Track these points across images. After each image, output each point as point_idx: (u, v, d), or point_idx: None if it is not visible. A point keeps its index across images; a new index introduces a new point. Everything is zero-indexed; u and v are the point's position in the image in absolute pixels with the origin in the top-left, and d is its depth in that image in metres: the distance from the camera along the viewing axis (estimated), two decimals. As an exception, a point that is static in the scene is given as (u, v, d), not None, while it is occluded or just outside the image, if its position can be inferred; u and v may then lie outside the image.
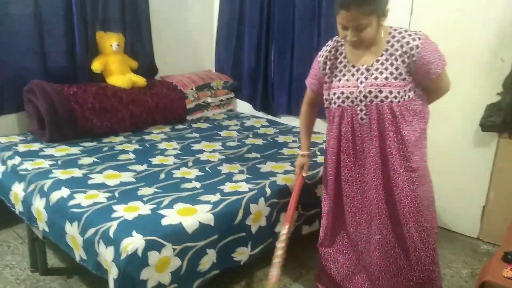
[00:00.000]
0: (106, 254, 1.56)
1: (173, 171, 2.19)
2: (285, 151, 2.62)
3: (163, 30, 3.31)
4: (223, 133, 2.96)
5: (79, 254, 1.71)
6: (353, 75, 1.61)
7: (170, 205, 1.79)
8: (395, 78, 1.53)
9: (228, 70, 3.58)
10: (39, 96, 2.48)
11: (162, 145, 2.61)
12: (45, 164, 2.19)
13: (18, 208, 2.06)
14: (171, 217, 1.69)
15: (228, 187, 2.02)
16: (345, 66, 1.64)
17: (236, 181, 2.10)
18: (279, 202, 2.04)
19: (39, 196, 1.92)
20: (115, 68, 2.92)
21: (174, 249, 1.59)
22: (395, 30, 1.57)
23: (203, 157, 2.44)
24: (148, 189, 1.95)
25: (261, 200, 1.94)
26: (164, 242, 1.56)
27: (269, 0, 3.18)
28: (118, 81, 2.87)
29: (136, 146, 2.57)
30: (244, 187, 2.02)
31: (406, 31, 1.55)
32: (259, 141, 2.81)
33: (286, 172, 2.25)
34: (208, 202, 1.84)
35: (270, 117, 3.40)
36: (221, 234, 1.77)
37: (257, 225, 1.94)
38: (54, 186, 1.93)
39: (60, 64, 2.80)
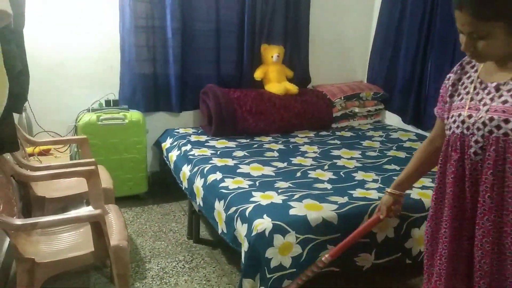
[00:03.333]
0: (241, 229, 1.84)
1: (308, 171, 2.37)
2: (429, 167, 2.49)
3: (319, 43, 3.55)
4: (365, 143, 3.00)
5: (221, 227, 2.05)
6: (477, 93, 1.22)
7: (299, 199, 1.97)
8: None
9: (380, 81, 3.58)
10: (211, 97, 3.02)
11: (304, 148, 2.83)
12: (207, 152, 2.66)
13: (184, 185, 2.57)
14: (298, 209, 1.86)
15: (358, 192, 2.08)
16: (472, 82, 1.25)
17: (368, 189, 2.14)
18: (411, 216, 1.99)
19: (199, 177, 2.36)
20: (273, 77, 3.28)
21: (297, 237, 1.76)
22: None
23: (339, 162, 2.55)
24: (284, 183, 2.18)
25: (390, 209, 1.94)
26: (289, 229, 1.75)
27: (431, 12, 3.07)
28: (274, 88, 3.23)
29: (281, 146, 2.86)
30: (374, 194, 2.05)
31: None
32: (402, 154, 2.75)
33: (424, 188, 2.17)
34: (335, 203, 1.94)
35: (420, 131, 3.26)
36: (343, 234, 1.85)
37: (383, 234, 1.94)
38: (211, 170, 2.35)
39: (230, 72, 3.32)
